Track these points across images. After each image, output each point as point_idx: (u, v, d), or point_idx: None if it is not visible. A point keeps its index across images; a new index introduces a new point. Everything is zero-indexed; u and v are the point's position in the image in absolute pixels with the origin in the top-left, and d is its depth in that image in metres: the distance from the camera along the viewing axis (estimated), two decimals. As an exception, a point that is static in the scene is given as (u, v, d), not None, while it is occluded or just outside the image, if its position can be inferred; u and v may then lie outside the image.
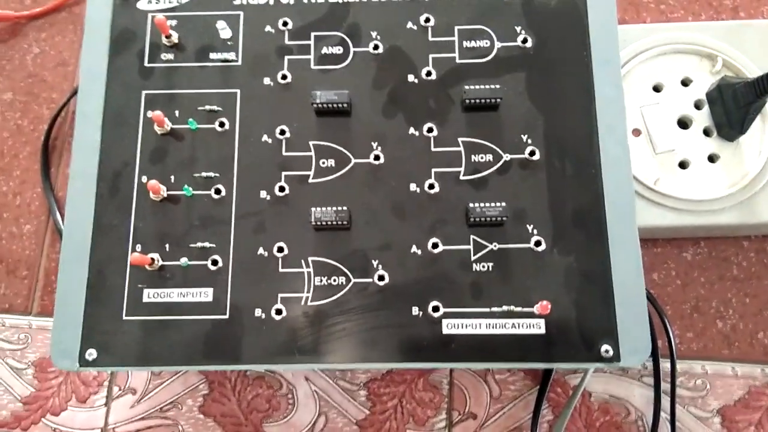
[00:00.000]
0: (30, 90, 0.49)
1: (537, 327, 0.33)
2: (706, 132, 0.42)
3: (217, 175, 0.36)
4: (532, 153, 0.36)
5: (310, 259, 0.35)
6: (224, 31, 0.38)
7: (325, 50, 0.38)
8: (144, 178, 0.36)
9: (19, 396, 0.43)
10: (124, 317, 0.34)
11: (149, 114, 0.36)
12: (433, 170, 0.36)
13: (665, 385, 0.41)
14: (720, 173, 0.41)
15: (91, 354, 0.33)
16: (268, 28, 0.38)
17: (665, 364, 0.41)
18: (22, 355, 0.44)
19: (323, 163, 0.36)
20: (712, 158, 0.42)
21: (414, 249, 0.35)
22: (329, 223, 0.34)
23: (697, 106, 0.42)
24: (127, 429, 0.42)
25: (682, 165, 0.42)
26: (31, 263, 0.46)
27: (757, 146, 0.41)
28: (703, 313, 0.43)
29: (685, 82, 0.43)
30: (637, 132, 0.42)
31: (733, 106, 0.39)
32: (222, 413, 0.42)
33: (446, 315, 0.34)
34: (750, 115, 0.39)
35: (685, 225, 0.41)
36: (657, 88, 0.43)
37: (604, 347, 0.33)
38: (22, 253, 0.46)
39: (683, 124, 0.42)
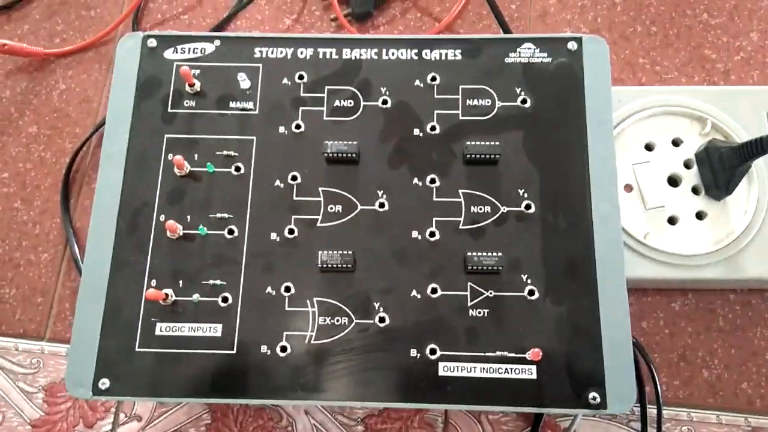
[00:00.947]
0: (54, 124, 0.52)
1: (528, 372, 0.35)
2: (695, 190, 0.44)
3: (231, 216, 0.38)
4: (527, 206, 0.38)
5: (315, 299, 0.37)
6: (244, 82, 0.40)
7: (337, 103, 0.40)
8: (162, 217, 0.38)
9: (28, 419, 0.45)
10: (137, 349, 0.36)
11: (170, 157, 0.39)
12: (435, 219, 0.38)
13: (652, 431, 0.42)
14: (707, 230, 0.43)
15: (104, 383, 0.35)
16: (285, 81, 0.41)
17: (652, 411, 0.42)
18: (34, 379, 0.46)
19: (331, 208, 0.38)
20: (699, 215, 0.44)
21: (414, 293, 0.37)
22: (335, 265, 0.37)
23: (687, 165, 0.45)
24: (130, 455, 0.44)
25: (671, 221, 0.44)
26: (47, 290, 0.48)
27: (743, 206, 0.43)
28: (689, 362, 0.45)
29: (676, 143, 0.45)
30: (629, 188, 0.44)
31: (719, 168, 0.42)
32: (223, 443, 0.44)
33: (443, 358, 0.36)
34: (735, 177, 0.41)
35: (673, 278, 0.43)
36: (649, 147, 0.45)
37: (592, 394, 0.35)
38: (38, 280, 0.48)
39: (673, 182, 0.45)
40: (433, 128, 0.40)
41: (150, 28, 0.54)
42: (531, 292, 0.36)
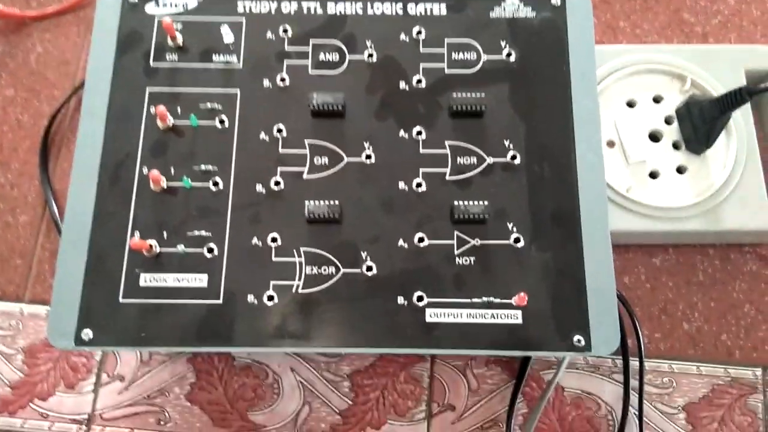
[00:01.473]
0: (32, 87, 0.51)
1: (514, 318, 0.36)
2: (675, 145, 0.45)
3: (216, 168, 0.38)
4: (513, 157, 0.38)
5: (302, 249, 0.37)
6: (227, 36, 0.40)
7: (322, 56, 0.40)
8: (145, 170, 0.37)
9: (7, 381, 0.44)
10: (121, 300, 0.35)
11: (152, 110, 0.38)
12: (421, 170, 0.38)
13: (634, 383, 0.43)
14: (687, 184, 0.44)
15: (87, 334, 0.35)
16: (269, 35, 0.40)
17: (634, 363, 0.43)
18: (13, 341, 0.45)
19: (317, 160, 0.38)
20: (680, 170, 0.44)
21: (401, 242, 0.37)
22: (322, 216, 0.36)
23: (668, 121, 0.45)
24: (114, 415, 0.43)
25: (653, 175, 0.44)
26: (25, 252, 0.47)
27: (722, 160, 0.44)
28: (670, 315, 0.46)
29: (657, 99, 0.46)
30: (611, 143, 0.45)
31: (699, 122, 0.42)
32: (208, 401, 0.44)
33: (430, 305, 0.36)
34: (715, 130, 0.42)
35: (654, 231, 0.43)
36: (630, 104, 0.46)
37: (576, 337, 0.35)
38: (16, 242, 0.47)
39: (654, 137, 0.45)
40: (419, 81, 0.40)
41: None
42: (517, 240, 0.37)
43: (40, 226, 0.47)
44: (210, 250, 0.36)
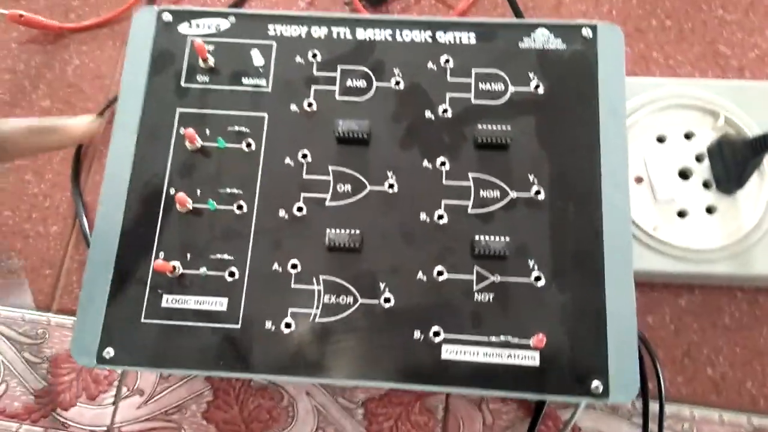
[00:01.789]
0: (68, 99, 0.52)
1: (531, 359, 0.35)
2: (706, 184, 0.44)
3: (241, 192, 0.38)
4: (537, 192, 0.38)
5: (321, 277, 0.37)
6: (257, 59, 0.40)
7: (349, 83, 0.40)
8: (172, 191, 0.38)
9: (32, 389, 0.45)
10: (143, 320, 0.36)
11: (182, 131, 0.39)
12: (444, 202, 0.38)
13: (653, 426, 0.42)
14: (717, 225, 0.43)
15: (109, 353, 0.35)
16: (298, 59, 0.41)
17: (654, 406, 0.42)
18: (39, 350, 0.46)
19: (340, 187, 0.38)
20: (710, 210, 0.43)
21: (420, 275, 0.37)
22: (342, 244, 0.37)
23: (698, 159, 0.44)
24: (132, 429, 0.44)
25: (681, 214, 0.43)
26: (55, 263, 0.48)
27: (754, 201, 0.43)
28: (694, 358, 0.44)
29: (688, 136, 0.45)
30: (639, 179, 0.44)
31: (731, 162, 0.41)
32: (224, 420, 0.44)
33: (446, 341, 0.35)
34: (747, 171, 0.41)
35: (681, 272, 0.42)
36: (661, 139, 0.45)
37: (595, 383, 0.34)
38: (46, 252, 0.48)
39: (684, 175, 0.44)
40: (445, 111, 0.39)
41: (167, 3, 0.55)
42: (537, 279, 0.36)
43: (70, 237, 0.48)
44: (231, 274, 0.37)
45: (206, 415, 0.44)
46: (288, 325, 0.36)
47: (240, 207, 0.38)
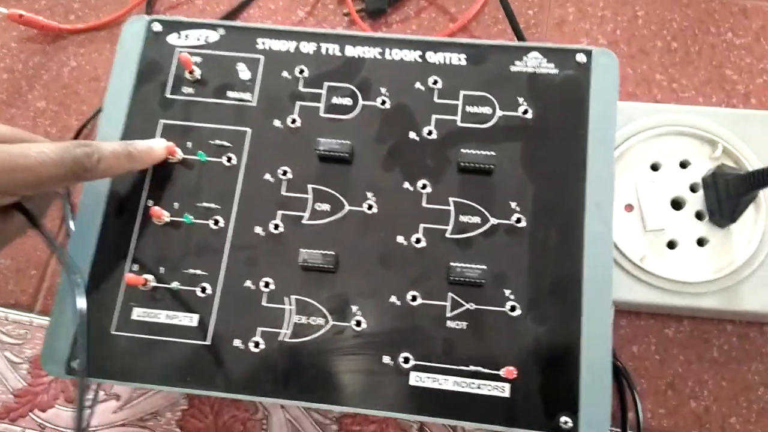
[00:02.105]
0: (63, 101, 0.52)
1: (501, 390, 0.34)
2: (699, 215, 0.43)
3: (218, 206, 0.38)
4: (518, 220, 0.37)
5: (293, 297, 0.36)
6: (243, 73, 0.40)
7: (335, 100, 0.40)
8: (150, 202, 0.38)
9: (11, 389, 0.46)
10: (113, 332, 0.36)
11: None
12: (422, 225, 0.37)
13: (631, 459, 0.41)
14: (707, 257, 0.42)
15: (77, 364, 0.35)
16: (285, 74, 0.40)
17: (633, 438, 0.41)
18: (20, 350, 0.46)
19: (319, 206, 0.38)
20: (701, 242, 0.42)
21: (393, 299, 0.36)
22: (316, 265, 0.36)
23: (693, 189, 0.43)
24: (107, 434, 0.44)
25: (671, 245, 0.42)
26: (40, 263, 0.48)
27: (748, 235, 0.42)
28: (678, 391, 0.43)
29: (684, 164, 0.44)
30: (629, 207, 0.43)
31: (725, 195, 0.40)
32: (198, 430, 0.44)
33: (415, 367, 0.35)
34: (741, 206, 0.40)
35: (667, 304, 0.41)
36: (655, 167, 0.44)
37: (564, 419, 0.34)
38: (32, 253, 0.48)
39: (677, 204, 0.43)
40: (429, 133, 0.39)
41: (163, 11, 0.55)
42: (513, 308, 0.36)
43: (57, 238, 0.49)
44: (203, 290, 0.37)
45: (180, 423, 0.44)
46: (257, 344, 0.35)
47: (216, 222, 0.38)
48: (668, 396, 0.43)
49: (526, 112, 0.39)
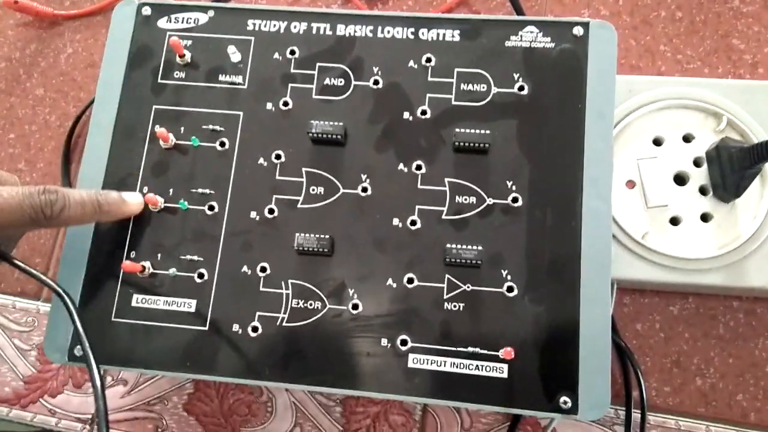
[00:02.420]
0: (60, 88, 0.52)
1: (500, 371, 0.34)
2: (702, 190, 0.42)
3: (213, 192, 0.38)
4: (515, 200, 0.36)
5: (290, 281, 0.36)
6: (234, 55, 0.40)
7: (327, 81, 0.39)
8: (145, 189, 0.38)
9: (21, 375, 0.46)
10: (113, 319, 0.36)
11: (156, 129, 0.38)
12: (417, 207, 0.37)
13: (635, 437, 0.41)
14: (711, 233, 0.41)
15: (79, 350, 0.36)
16: (276, 55, 0.40)
17: (636, 415, 0.41)
18: (28, 337, 0.47)
19: (313, 190, 0.38)
20: (705, 217, 0.41)
21: (390, 282, 0.36)
22: (311, 249, 0.36)
23: (697, 163, 0.42)
24: (115, 417, 0.45)
25: (674, 221, 0.41)
26: (45, 252, 0.49)
27: (753, 210, 0.41)
28: (683, 368, 0.43)
29: (687, 138, 0.43)
30: (631, 184, 0.42)
31: (729, 169, 0.39)
32: (204, 413, 0.45)
33: (413, 350, 0.35)
34: (745, 180, 0.39)
35: (670, 282, 0.41)
36: (657, 142, 0.43)
37: (563, 398, 0.34)
38: (37, 241, 0.49)
39: (680, 179, 0.42)
40: (423, 112, 0.38)
41: (157, -6, 0.54)
42: (510, 289, 0.35)
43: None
44: (201, 276, 0.37)
45: (187, 407, 0.45)
46: (255, 329, 0.36)
47: (211, 207, 0.38)
48: (674, 374, 0.43)
49: (522, 88, 0.38)
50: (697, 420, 0.42)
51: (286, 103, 0.39)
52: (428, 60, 0.39)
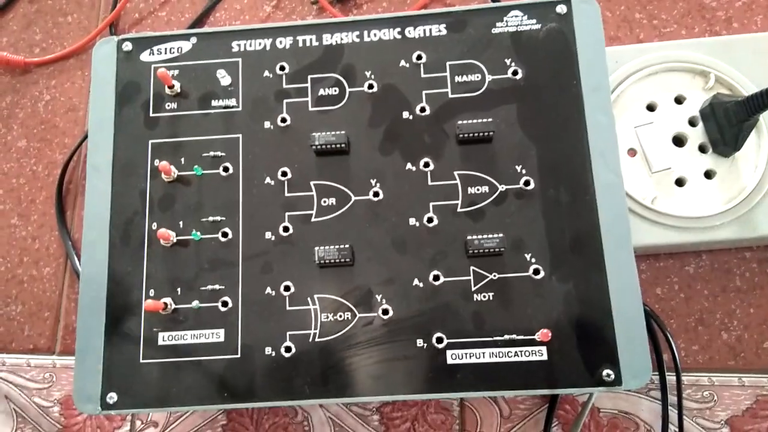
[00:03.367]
0: (43, 136, 0.51)
1: (539, 354, 0.34)
2: (702, 149, 0.42)
3: (224, 218, 0.37)
4: (527, 183, 0.36)
5: (315, 296, 0.36)
6: (224, 79, 0.39)
7: (321, 92, 0.39)
8: (154, 225, 0.37)
9: (47, 434, 0.45)
10: (141, 360, 0.36)
11: (156, 163, 0.38)
12: (431, 204, 0.37)
13: (672, 398, 0.41)
14: (717, 189, 0.42)
15: (112, 397, 0.35)
16: (266, 73, 0.39)
17: (671, 378, 0.42)
18: (48, 393, 0.46)
19: (324, 202, 0.37)
20: (708, 174, 0.42)
21: (416, 282, 0.36)
22: (332, 260, 0.36)
23: (692, 123, 0.43)
24: (150, 462, 0.44)
25: (679, 183, 0.42)
26: (52, 304, 0.47)
27: (753, 161, 0.42)
28: (707, 325, 0.44)
29: (679, 100, 0.43)
30: (632, 152, 0.43)
31: (726, 124, 0.40)
32: (241, 443, 0.44)
33: (450, 346, 0.35)
34: (743, 132, 0.39)
35: (684, 242, 0.41)
36: (651, 107, 0.44)
37: (606, 371, 0.34)
38: (43, 295, 0.48)
39: (678, 141, 0.43)
40: (422, 109, 0.38)
41: (128, 28, 0.53)
42: (536, 271, 0.35)
43: (64, 276, 0.48)
44: (225, 304, 0.36)
45: (222, 439, 0.44)
46: (288, 349, 0.35)
47: (225, 234, 0.37)
48: (699, 332, 0.43)
49: (515, 72, 0.38)
50: (728, 373, 0.43)
51: (284, 120, 0.39)
52: (419, 57, 0.39)
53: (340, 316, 0.36)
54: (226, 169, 0.38)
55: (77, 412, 0.45)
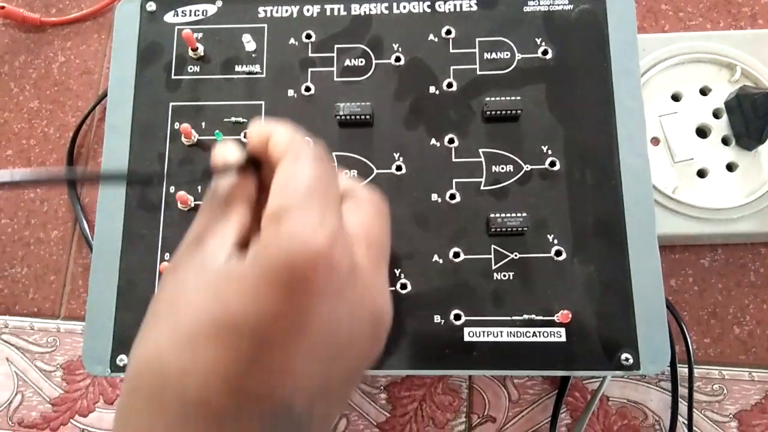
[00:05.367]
0: (56, 98, 0.50)
1: (557, 335, 0.34)
2: (725, 141, 0.42)
3: (243, 185, 0.37)
4: (552, 164, 0.36)
5: (334, 268, 0.35)
6: (249, 44, 0.38)
7: (347, 62, 0.38)
8: (172, 189, 0.37)
9: (48, 398, 0.44)
10: (154, 324, 0.35)
11: (177, 126, 0.37)
12: (455, 180, 0.36)
13: (683, 390, 0.41)
14: (738, 182, 0.41)
15: (122, 360, 0.34)
16: (292, 41, 0.39)
17: (683, 370, 0.41)
18: (51, 357, 0.45)
19: (346, 173, 0.37)
20: (730, 167, 0.42)
21: (436, 258, 0.35)
22: (353, 232, 0.35)
23: (716, 115, 0.43)
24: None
25: (701, 174, 0.42)
26: (59, 268, 0.47)
27: (776, 155, 0.41)
28: (720, 319, 0.43)
29: (704, 91, 0.43)
30: (656, 141, 0.42)
31: (752, 116, 0.40)
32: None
33: (468, 323, 0.34)
34: (768, 125, 0.39)
35: (703, 233, 0.41)
36: (676, 97, 0.43)
37: (624, 356, 0.33)
38: (49, 258, 0.47)
39: (702, 132, 0.43)
40: (449, 85, 0.38)
41: (148, -7, 0.52)
42: (558, 253, 0.35)
43: (72, 241, 0.47)
44: (240, 271, 0.35)
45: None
46: (304, 320, 0.35)
47: (244, 201, 0.36)
48: (711, 325, 0.43)
49: (545, 52, 0.38)
50: (739, 368, 0.43)
51: (308, 89, 0.38)
52: (448, 32, 0.38)
53: (358, 289, 0.35)
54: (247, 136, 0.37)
55: (80, 378, 0.45)
